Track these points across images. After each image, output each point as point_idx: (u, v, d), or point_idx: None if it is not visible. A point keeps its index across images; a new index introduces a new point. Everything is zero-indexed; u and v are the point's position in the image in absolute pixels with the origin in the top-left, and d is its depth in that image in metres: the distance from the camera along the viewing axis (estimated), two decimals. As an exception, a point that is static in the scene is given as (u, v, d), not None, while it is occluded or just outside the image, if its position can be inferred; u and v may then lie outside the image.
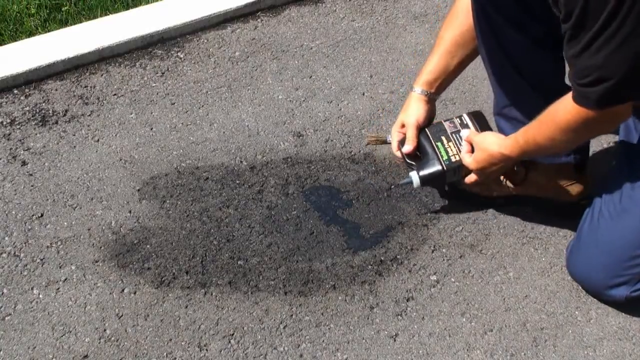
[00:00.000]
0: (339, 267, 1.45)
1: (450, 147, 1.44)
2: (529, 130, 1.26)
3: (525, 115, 1.38)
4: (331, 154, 1.74)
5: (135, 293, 1.39)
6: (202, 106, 1.90)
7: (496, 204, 1.58)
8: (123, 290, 1.39)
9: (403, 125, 1.51)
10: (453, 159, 1.43)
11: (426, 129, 1.49)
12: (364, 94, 1.94)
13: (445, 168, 1.43)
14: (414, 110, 1.48)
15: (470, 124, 1.47)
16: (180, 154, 1.73)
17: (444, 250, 1.50)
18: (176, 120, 1.84)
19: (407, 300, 1.39)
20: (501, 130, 1.46)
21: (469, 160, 1.39)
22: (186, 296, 1.38)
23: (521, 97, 1.38)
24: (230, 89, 1.96)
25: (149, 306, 1.36)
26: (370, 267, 1.45)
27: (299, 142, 1.77)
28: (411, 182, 1.46)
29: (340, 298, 1.39)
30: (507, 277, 1.44)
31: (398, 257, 1.48)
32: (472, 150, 1.40)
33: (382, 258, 1.47)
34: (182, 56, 2.08)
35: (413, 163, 1.47)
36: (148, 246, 1.49)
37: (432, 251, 1.49)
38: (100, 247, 1.48)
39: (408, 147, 1.47)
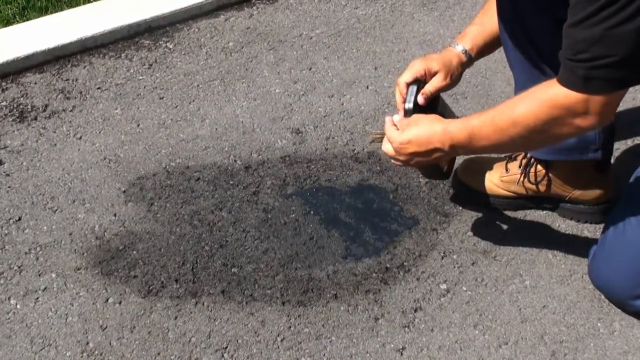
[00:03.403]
0: (341, 274, 1.45)
1: None
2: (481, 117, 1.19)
3: None
4: (332, 152, 1.74)
5: (120, 303, 1.39)
6: (193, 101, 1.89)
7: (512, 206, 1.57)
8: (107, 300, 1.39)
9: (425, 74, 1.38)
10: None
11: (441, 95, 1.42)
12: (368, 88, 1.94)
13: None
14: (452, 70, 1.39)
15: None
16: (169, 153, 1.73)
17: (454, 256, 1.49)
18: (165, 116, 1.84)
19: (415, 310, 1.39)
20: None
21: (394, 134, 1.28)
22: (175, 306, 1.38)
23: None
24: (223, 82, 1.96)
25: (136, 317, 1.36)
26: (374, 274, 1.45)
27: (298, 140, 1.77)
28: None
29: (342, 308, 1.39)
30: (524, 285, 1.44)
31: (405, 264, 1.48)
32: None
33: (388, 265, 1.47)
34: (171, 47, 2.08)
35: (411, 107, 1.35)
36: (134, 252, 1.48)
37: (442, 258, 1.49)
38: (83, 254, 1.48)
39: (421, 98, 1.36)
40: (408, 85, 1.37)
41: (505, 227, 1.55)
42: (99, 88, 1.93)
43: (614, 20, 1.00)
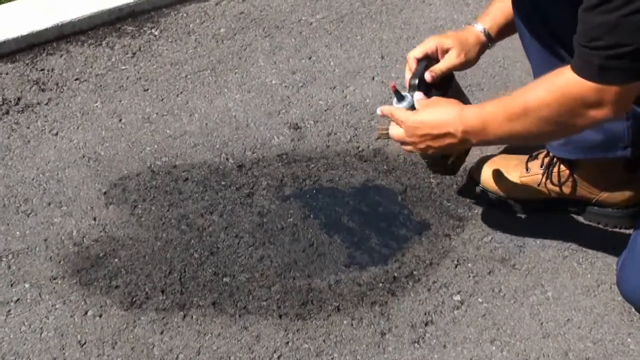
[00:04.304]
0: (344, 285, 1.45)
1: None
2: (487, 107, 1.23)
3: None
4: (334, 149, 1.74)
5: (100, 316, 1.39)
6: (181, 93, 1.89)
7: (533, 209, 1.57)
8: (86, 312, 1.39)
9: (436, 50, 1.42)
10: None
11: (457, 80, 1.47)
12: (373, 78, 1.94)
13: None
14: (467, 48, 1.42)
15: None
16: (154, 150, 1.73)
17: (469, 265, 1.49)
18: (150, 110, 1.84)
19: (426, 324, 1.38)
20: None
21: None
22: (161, 320, 1.38)
23: None
24: (214, 73, 1.95)
25: (117, 332, 1.36)
26: (381, 285, 1.45)
27: (297, 136, 1.77)
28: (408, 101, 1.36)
29: (345, 322, 1.39)
30: (545, 297, 1.44)
31: (414, 273, 1.47)
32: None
33: (396, 274, 1.47)
34: (157, 33, 2.08)
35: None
36: (116, 260, 1.48)
37: (456, 266, 1.49)
38: (59, 262, 1.48)
39: (429, 76, 1.39)
40: (418, 61, 1.41)
41: (525, 232, 1.55)
42: (77, 79, 1.93)
43: (629, 7, 1.01)
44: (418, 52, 1.42)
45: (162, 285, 1.44)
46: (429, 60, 1.41)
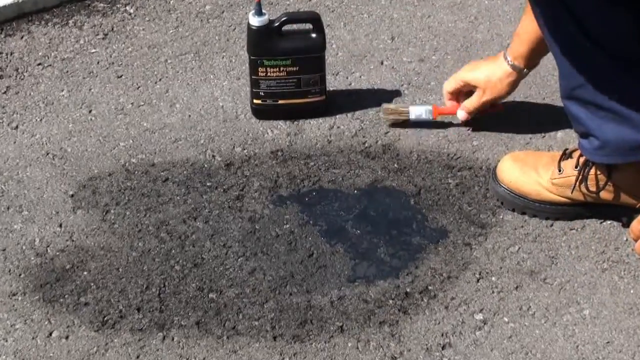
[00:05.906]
0: (349, 301, 1.45)
1: None
2: None
3: (605, 95, 1.38)
4: (337, 145, 1.74)
5: (67, 338, 1.39)
6: (160, 80, 1.89)
7: (567, 215, 1.57)
8: (51, 333, 1.39)
9: (468, 91, 1.72)
10: None
11: None
12: (382, 63, 1.94)
13: None
14: (494, 85, 1.66)
15: None
16: (129, 146, 1.73)
17: (493, 278, 1.49)
18: (124, 100, 1.84)
19: (443, 347, 1.39)
20: (574, 118, 1.46)
21: None
22: (137, 342, 1.38)
23: (597, 72, 1.37)
24: (198, 57, 1.95)
25: (87, 356, 1.36)
26: (391, 302, 1.45)
27: (293, 130, 1.77)
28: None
29: (350, 345, 1.39)
30: (582, 316, 1.44)
31: (430, 288, 1.48)
32: None
33: (408, 290, 1.47)
34: (132, 11, 2.08)
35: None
36: (85, 273, 1.48)
37: (478, 280, 1.49)
38: (20, 275, 1.48)
39: (463, 114, 1.73)
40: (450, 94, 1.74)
41: (557, 241, 1.55)
42: (40, 64, 1.93)
43: None
44: (450, 87, 1.73)
45: (138, 302, 1.44)
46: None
